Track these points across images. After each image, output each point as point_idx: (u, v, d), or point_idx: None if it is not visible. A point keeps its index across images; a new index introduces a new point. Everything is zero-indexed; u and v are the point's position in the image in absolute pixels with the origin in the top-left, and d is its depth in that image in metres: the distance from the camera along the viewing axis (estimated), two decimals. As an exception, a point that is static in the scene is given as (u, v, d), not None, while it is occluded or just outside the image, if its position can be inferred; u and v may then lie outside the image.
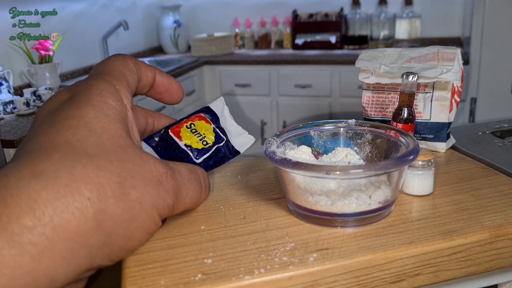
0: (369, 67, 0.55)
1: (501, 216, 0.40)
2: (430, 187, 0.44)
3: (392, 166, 0.37)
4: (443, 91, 0.54)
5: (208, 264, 0.34)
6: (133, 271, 0.33)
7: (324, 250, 0.35)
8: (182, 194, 0.32)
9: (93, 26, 2.25)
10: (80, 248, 0.24)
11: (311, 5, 2.66)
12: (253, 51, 2.70)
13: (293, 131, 0.46)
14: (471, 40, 2.05)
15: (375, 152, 0.46)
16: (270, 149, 0.41)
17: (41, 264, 0.23)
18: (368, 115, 0.58)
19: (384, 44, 2.48)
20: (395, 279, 0.36)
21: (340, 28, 2.51)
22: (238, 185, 0.48)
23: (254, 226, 0.39)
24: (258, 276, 0.32)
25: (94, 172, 0.25)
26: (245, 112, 2.43)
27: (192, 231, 0.39)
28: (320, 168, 0.36)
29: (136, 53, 2.61)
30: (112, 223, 0.26)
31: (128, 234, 0.27)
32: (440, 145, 0.56)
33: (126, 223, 0.27)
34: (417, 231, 0.38)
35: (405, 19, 2.47)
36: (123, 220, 0.26)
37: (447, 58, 0.52)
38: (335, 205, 0.38)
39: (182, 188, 0.32)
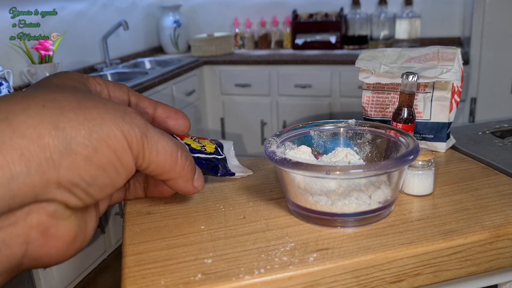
0: (369, 67, 0.55)
1: (501, 216, 0.40)
2: (430, 187, 0.44)
3: (392, 166, 0.37)
4: (443, 91, 0.54)
5: (208, 264, 0.34)
6: (133, 271, 0.33)
7: (324, 250, 0.35)
8: (152, 137, 0.30)
9: (93, 26, 2.25)
10: (38, 149, 0.25)
11: (311, 5, 2.66)
12: (253, 51, 2.70)
13: (293, 131, 0.46)
14: (471, 40, 2.05)
15: (375, 152, 0.46)
16: (270, 149, 0.41)
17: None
18: (368, 115, 0.58)
19: (384, 44, 2.48)
20: (395, 279, 0.36)
21: (340, 28, 2.51)
22: (238, 185, 0.48)
23: (254, 226, 0.39)
24: (258, 276, 0.32)
25: (53, 94, 0.27)
26: (245, 112, 2.43)
27: (192, 231, 0.39)
28: (320, 168, 0.36)
29: (136, 53, 2.61)
30: (71, 128, 0.26)
31: (90, 144, 0.26)
32: (440, 145, 0.56)
33: (86, 131, 0.26)
34: (417, 231, 0.38)
35: (405, 19, 2.47)
36: (82, 128, 0.26)
37: (447, 58, 0.52)
38: (335, 205, 0.38)
39: (152, 131, 0.31)
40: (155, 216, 0.42)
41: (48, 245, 0.27)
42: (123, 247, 0.37)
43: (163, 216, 0.42)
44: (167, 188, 0.39)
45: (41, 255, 0.27)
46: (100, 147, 0.27)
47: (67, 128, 0.26)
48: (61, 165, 0.25)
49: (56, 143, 0.25)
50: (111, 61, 2.32)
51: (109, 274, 1.68)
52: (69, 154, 0.26)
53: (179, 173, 0.33)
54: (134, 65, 2.44)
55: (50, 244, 0.27)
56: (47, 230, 0.26)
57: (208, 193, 0.46)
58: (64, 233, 0.27)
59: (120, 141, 0.28)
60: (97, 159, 0.27)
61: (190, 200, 0.45)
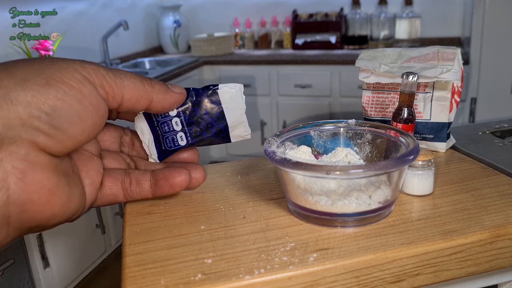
0: (369, 66, 0.55)
1: (501, 216, 0.40)
2: (430, 187, 0.44)
3: (392, 166, 0.37)
4: (443, 91, 0.54)
5: (208, 264, 0.34)
6: (133, 271, 0.33)
7: (324, 250, 0.35)
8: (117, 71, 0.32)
9: (93, 26, 2.25)
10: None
11: (311, 5, 2.66)
12: (253, 51, 2.70)
13: (293, 131, 0.46)
14: (471, 40, 2.05)
15: (375, 152, 0.46)
16: (270, 149, 0.41)
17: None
18: (368, 115, 0.58)
19: (384, 44, 2.48)
20: (395, 279, 0.36)
21: (340, 28, 2.51)
22: (238, 185, 0.48)
23: (254, 226, 0.39)
24: (258, 276, 0.32)
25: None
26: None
27: (192, 231, 0.39)
28: (320, 168, 0.36)
29: (136, 53, 2.61)
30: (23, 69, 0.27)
31: (44, 76, 0.28)
32: (440, 145, 0.56)
33: (37, 68, 0.28)
34: (417, 231, 0.38)
35: (405, 19, 2.47)
36: (34, 66, 0.28)
37: (447, 58, 0.52)
38: (335, 205, 0.38)
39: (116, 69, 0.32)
40: (155, 216, 0.42)
41: (28, 189, 0.27)
42: (123, 247, 0.37)
43: (163, 216, 0.42)
44: (178, 180, 0.39)
45: (24, 201, 0.27)
46: (52, 79, 0.28)
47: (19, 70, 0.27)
48: (18, 100, 0.26)
49: (12, 81, 0.26)
50: (111, 61, 2.32)
51: (109, 274, 1.68)
52: (23, 88, 0.26)
53: (157, 89, 0.35)
54: (134, 65, 2.44)
55: (30, 188, 0.27)
56: (25, 174, 0.27)
57: (208, 193, 0.46)
58: (42, 178, 0.28)
59: (72, 73, 0.29)
60: (52, 90, 0.27)
61: (190, 200, 0.45)
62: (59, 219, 0.30)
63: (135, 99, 0.34)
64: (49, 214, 0.29)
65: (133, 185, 0.39)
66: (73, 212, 0.31)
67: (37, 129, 0.27)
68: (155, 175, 0.40)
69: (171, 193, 0.41)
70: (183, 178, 0.40)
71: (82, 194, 0.33)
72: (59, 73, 0.28)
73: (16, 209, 0.27)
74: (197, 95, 0.41)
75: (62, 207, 0.30)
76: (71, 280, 1.56)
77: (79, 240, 1.58)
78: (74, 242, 1.55)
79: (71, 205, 0.31)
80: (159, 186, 0.40)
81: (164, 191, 0.40)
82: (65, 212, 0.30)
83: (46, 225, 0.30)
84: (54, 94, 0.27)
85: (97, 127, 0.31)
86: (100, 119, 0.31)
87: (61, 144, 0.28)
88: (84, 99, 0.29)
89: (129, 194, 0.40)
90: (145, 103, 0.35)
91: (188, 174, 0.40)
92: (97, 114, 0.30)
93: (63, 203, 0.29)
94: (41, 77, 0.27)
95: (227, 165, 0.54)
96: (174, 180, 0.39)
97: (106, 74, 0.31)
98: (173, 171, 0.40)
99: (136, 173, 0.40)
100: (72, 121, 0.28)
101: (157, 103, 0.36)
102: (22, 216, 0.27)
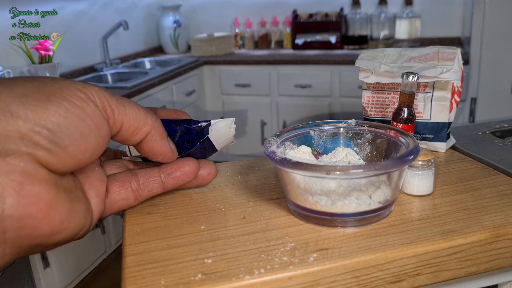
0: (369, 66, 0.55)
1: (501, 216, 0.40)
2: (430, 187, 0.44)
3: (392, 166, 0.37)
4: (443, 91, 0.54)
5: (208, 264, 0.34)
6: (133, 271, 0.33)
7: (324, 250, 0.35)
8: (119, 98, 0.32)
9: (93, 26, 2.25)
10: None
11: (311, 5, 2.66)
12: (253, 51, 2.70)
13: (293, 131, 0.46)
14: (471, 40, 2.05)
15: (375, 152, 0.46)
16: (270, 149, 0.41)
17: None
18: (368, 115, 0.58)
19: (384, 44, 2.48)
20: (395, 279, 0.36)
21: (340, 28, 2.51)
22: (238, 185, 0.48)
23: (254, 226, 0.39)
24: (258, 276, 0.32)
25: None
26: (245, 112, 2.43)
27: (192, 231, 0.39)
28: (320, 168, 0.36)
29: (136, 53, 2.61)
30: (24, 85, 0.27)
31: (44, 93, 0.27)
32: (440, 145, 0.56)
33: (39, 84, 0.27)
34: (417, 231, 0.38)
35: (405, 19, 2.47)
36: (35, 83, 0.27)
37: (447, 57, 0.52)
38: (335, 205, 0.38)
39: (119, 96, 0.32)
40: (155, 216, 0.42)
41: (25, 202, 0.26)
42: (123, 247, 0.37)
43: (163, 216, 0.42)
44: (190, 168, 0.39)
45: (21, 215, 0.26)
46: (53, 95, 0.27)
47: (19, 86, 0.27)
48: (18, 114, 0.25)
49: (10, 95, 0.26)
50: (111, 61, 2.32)
51: (109, 274, 1.68)
52: (22, 103, 0.26)
53: (152, 125, 0.34)
54: (134, 65, 2.44)
55: (27, 201, 0.26)
56: (22, 187, 0.26)
57: (208, 193, 0.46)
58: (40, 191, 0.27)
59: (74, 91, 0.28)
60: (54, 106, 0.27)
61: (190, 200, 0.45)
62: (60, 236, 0.29)
63: (133, 129, 0.33)
64: (48, 230, 0.28)
65: (143, 184, 0.38)
66: (77, 228, 0.30)
67: (37, 143, 0.26)
68: (165, 168, 0.39)
69: (182, 182, 0.39)
70: (193, 166, 0.39)
71: (87, 209, 0.32)
72: (61, 91, 0.28)
73: (13, 223, 0.26)
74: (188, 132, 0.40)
75: (62, 223, 0.28)
76: (71, 280, 1.56)
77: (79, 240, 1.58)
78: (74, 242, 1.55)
79: (73, 220, 0.29)
80: (173, 177, 0.39)
81: (178, 181, 0.39)
82: (67, 228, 0.29)
83: (47, 244, 0.29)
84: (55, 110, 0.27)
85: (99, 148, 0.30)
86: (103, 140, 0.30)
87: (62, 162, 0.27)
88: (87, 117, 0.28)
89: (140, 194, 0.38)
90: (141, 135, 0.34)
91: (196, 162, 0.39)
92: (100, 134, 0.29)
93: (63, 218, 0.28)
94: (42, 93, 0.27)
95: (227, 165, 0.54)
96: (186, 168, 0.38)
97: (109, 98, 0.31)
98: (182, 160, 0.39)
99: (144, 171, 0.39)
100: (73, 138, 0.27)
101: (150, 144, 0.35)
102: (20, 233, 0.26)
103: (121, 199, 0.37)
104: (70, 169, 0.29)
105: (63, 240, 0.30)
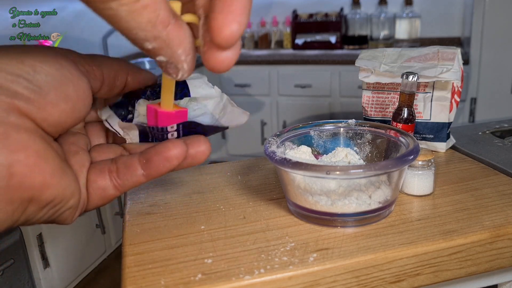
0: (369, 66, 0.55)
1: (501, 216, 0.40)
2: (430, 187, 0.44)
3: (392, 166, 0.37)
4: (443, 91, 0.54)
5: (208, 264, 0.34)
6: (133, 271, 0.33)
7: (324, 250, 0.35)
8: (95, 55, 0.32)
9: (93, 26, 2.25)
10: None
11: (311, 5, 2.66)
12: (253, 51, 2.70)
13: (293, 131, 0.46)
14: (471, 40, 2.05)
15: (375, 152, 0.46)
16: (270, 149, 0.41)
17: None
18: (368, 115, 0.58)
19: (384, 44, 2.48)
20: (395, 279, 0.36)
21: (340, 28, 2.51)
22: (238, 185, 0.48)
23: (254, 226, 0.39)
24: (258, 276, 0.32)
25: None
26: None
27: (192, 231, 0.39)
28: (320, 168, 0.36)
29: (136, 53, 2.61)
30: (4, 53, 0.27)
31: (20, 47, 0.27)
32: (440, 145, 0.56)
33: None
34: (417, 231, 0.38)
35: (405, 19, 2.47)
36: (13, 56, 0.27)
37: (447, 57, 0.52)
38: (335, 205, 0.38)
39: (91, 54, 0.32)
40: (155, 216, 0.42)
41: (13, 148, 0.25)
42: (123, 247, 0.37)
43: (163, 216, 0.42)
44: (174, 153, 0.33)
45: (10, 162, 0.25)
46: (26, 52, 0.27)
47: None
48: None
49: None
50: (111, 61, 2.32)
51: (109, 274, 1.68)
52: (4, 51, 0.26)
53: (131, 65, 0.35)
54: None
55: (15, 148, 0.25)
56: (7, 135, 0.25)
57: (208, 193, 0.46)
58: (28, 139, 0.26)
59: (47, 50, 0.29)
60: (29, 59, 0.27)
61: (190, 200, 0.45)
62: (52, 193, 0.28)
63: (114, 73, 0.33)
64: (39, 181, 0.27)
65: (122, 172, 0.34)
66: (68, 190, 0.29)
67: (15, 92, 0.26)
68: (146, 153, 0.35)
69: (167, 169, 0.34)
70: (179, 149, 0.34)
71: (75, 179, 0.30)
72: (35, 48, 0.28)
73: (2, 170, 0.25)
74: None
75: (53, 175, 0.27)
76: (71, 280, 1.56)
77: (79, 240, 1.58)
78: (74, 242, 1.55)
79: (65, 178, 0.28)
80: (152, 163, 0.34)
81: (159, 168, 0.34)
82: (58, 183, 0.28)
83: (39, 199, 0.28)
84: (31, 62, 0.27)
85: (80, 101, 0.29)
86: (83, 92, 0.29)
87: (45, 112, 0.27)
88: (62, 68, 0.28)
89: (119, 183, 0.34)
90: (123, 76, 0.34)
91: (183, 144, 0.34)
92: (79, 84, 0.29)
93: (54, 171, 0.27)
94: (16, 50, 0.27)
95: (227, 165, 0.54)
96: (170, 152, 0.34)
97: (82, 55, 0.31)
98: (167, 143, 0.34)
99: (124, 158, 0.35)
100: (52, 85, 0.27)
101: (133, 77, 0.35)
102: (10, 182, 0.26)
103: (98, 188, 0.34)
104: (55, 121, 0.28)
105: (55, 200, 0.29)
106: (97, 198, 0.35)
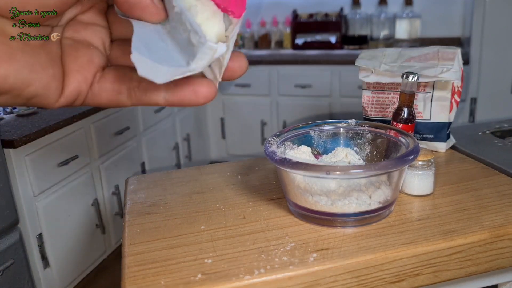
0: (369, 65, 0.55)
1: (501, 216, 0.40)
2: (430, 187, 0.44)
3: (392, 166, 0.37)
4: (443, 91, 0.54)
5: (208, 264, 0.34)
6: (133, 271, 0.33)
7: (324, 250, 0.35)
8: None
9: (93, 26, 2.24)
10: None
11: (311, 5, 2.66)
12: (253, 51, 2.70)
13: (293, 131, 0.46)
14: (471, 40, 2.05)
15: (375, 152, 0.46)
16: (270, 149, 0.41)
17: None
18: (368, 115, 0.58)
19: (384, 44, 2.48)
20: (395, 279, 0.36)
21: (340, 28, 2.51)
22: (238, 185, 0.48)
23: (254, 226, 0.39)
24: (258, 276, 0.32)
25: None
26: (245, 112, 2.43)
27: (192, 231, 0.39)
28: (320, 168, 0.36)
29: (136, 53, 2.60)
30: None
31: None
32: (440, 145, 0.56)
33: None
34: (417, 231, 0.38)
35: (405, 19, 2.47)
36: None
37: (447, 57, 0.52)
38: (335, 205, 0.38)
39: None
40: (155, 216, 0.42)
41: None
42: (123, 247, 0.37)
43: (163, 216, 0.42)
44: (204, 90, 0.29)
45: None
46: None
47: None
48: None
49: None
50: (111, 61, 2.32)
51: (109, 274, 1.68)
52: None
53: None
54: (134, 65, 2.43)
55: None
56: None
57: (208, 193, 0.46)
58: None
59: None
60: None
61: (190, 200, 0.45)
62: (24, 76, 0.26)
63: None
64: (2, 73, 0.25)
65: (143, 86, 0.31)
66: (44, 80, 0.28)
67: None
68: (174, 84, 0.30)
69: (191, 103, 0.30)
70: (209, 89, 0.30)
71: (56, 74, 0.28)
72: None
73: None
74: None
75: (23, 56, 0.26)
76: (71, 280, 1.56)
77: (79, 240, 1.58)
78: (74, 242, 1.55)
79: (36, 67, 0.27)
80: (178, 90, 0.30)
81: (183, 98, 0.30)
82: (31, 70, 0.26)
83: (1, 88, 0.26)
84: None
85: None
86: None
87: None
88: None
89: (136, 94, 0.31)
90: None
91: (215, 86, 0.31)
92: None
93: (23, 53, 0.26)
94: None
95: (227, 165, 0.54)
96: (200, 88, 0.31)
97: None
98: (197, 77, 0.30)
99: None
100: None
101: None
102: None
103: (112, 89, 0.31)
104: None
105: (14, 91, 0.27)
106: (105, 97, 0.31)
